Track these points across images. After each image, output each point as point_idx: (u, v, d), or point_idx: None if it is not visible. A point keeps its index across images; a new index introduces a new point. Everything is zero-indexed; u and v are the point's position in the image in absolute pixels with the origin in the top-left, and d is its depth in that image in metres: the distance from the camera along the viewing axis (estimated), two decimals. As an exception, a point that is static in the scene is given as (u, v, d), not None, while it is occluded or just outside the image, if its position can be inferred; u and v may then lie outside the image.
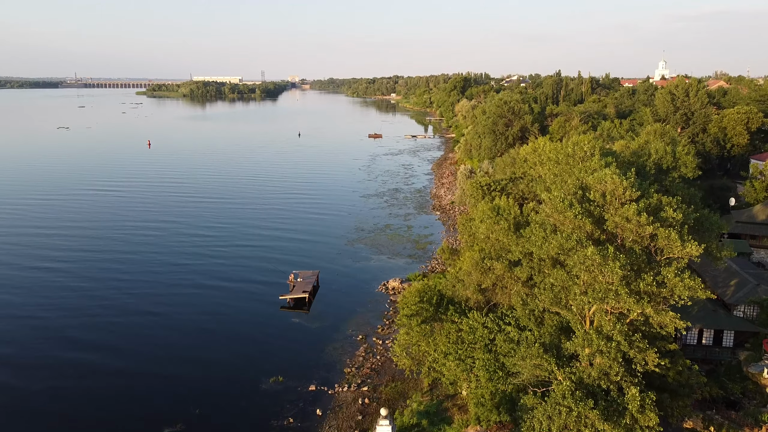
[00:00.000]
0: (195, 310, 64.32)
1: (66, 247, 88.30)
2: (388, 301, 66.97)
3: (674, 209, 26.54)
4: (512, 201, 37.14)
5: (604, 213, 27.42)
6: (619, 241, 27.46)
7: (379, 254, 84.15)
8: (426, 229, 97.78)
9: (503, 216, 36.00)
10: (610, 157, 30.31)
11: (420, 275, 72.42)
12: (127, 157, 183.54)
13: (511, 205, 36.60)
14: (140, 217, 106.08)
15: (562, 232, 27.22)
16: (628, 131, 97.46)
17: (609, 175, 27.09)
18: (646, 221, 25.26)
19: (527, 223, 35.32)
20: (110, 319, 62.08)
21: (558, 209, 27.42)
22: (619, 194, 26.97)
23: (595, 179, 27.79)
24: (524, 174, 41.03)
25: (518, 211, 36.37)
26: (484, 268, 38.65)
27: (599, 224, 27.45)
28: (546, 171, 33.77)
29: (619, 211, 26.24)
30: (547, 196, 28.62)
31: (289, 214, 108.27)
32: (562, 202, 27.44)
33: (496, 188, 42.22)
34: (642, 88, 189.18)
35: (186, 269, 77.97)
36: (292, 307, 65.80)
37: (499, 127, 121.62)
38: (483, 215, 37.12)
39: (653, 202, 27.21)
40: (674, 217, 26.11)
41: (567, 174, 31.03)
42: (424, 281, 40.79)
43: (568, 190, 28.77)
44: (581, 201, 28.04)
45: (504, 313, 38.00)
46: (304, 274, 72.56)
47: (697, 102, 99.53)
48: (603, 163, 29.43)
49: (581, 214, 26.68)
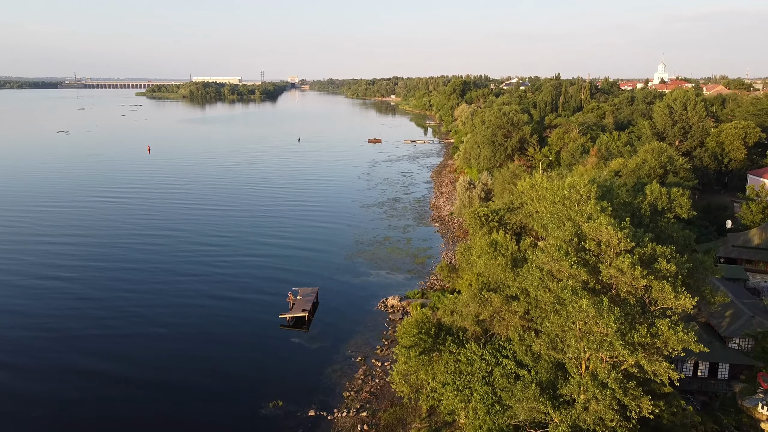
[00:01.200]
0: (194, 331, 64.62)
1: (65, 256, 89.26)
2: (386, 320, 67.35)
3: (668, 259, 27.00)
4: (509, 236, 37.50)
5: (599, 262, 27.86)
6: (614, 291, 27.90)
7: (378, 269, 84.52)
8: (425, 242, 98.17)
9: (501, 251, 36.44)
10: (606, 201, 30.64)
11: (419, 293, 72.83)
12: (126, 163, 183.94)
13: (508, 241, 36.99)
14: (138, 227, 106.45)
15: (558, 280, 27.67)
16: (626, 145, 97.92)
17: (604, 225, 27.51)
18: (640, 274, 25.72)
19: (524, 258, 35.73)
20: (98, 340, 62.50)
21: (554, 258, 27.86)
22: (614, 244, 27.41)
23: (590, 228, 28.21)
24: (522, 204, 41.46)
25: (515, 247, 36.79)
26: (481, 299, 39.06)
27: (595, 273, 27.91)
28: (543, 208, 34.16)
29: (614, 263, 26.72)
30: (543, 245, 29.04)
31: (289, 225, 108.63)
32: (558, 250, 27.88)
33: (494, 218, 42.60)
34: (641, 95, 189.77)
35: (185, 286, 78.28)
36: (292, 326, 66.21)
37: (498, 138, 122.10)
38: (481, 250, 37.54)
39: (647, 251, 27.66)
40: (668, 269, 26.57)
41: (563, 214, 31.44)
42: (422, 311, 41.14)
43: (564, 237, 29.20)
44: (577, 249, 28.49)
45: (501, 345, 38.41)
46: (303, 291, 72.97)
47: (695, 115, 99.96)
48: (599, 208, 29.84)
49: (577, 264, 27.12)
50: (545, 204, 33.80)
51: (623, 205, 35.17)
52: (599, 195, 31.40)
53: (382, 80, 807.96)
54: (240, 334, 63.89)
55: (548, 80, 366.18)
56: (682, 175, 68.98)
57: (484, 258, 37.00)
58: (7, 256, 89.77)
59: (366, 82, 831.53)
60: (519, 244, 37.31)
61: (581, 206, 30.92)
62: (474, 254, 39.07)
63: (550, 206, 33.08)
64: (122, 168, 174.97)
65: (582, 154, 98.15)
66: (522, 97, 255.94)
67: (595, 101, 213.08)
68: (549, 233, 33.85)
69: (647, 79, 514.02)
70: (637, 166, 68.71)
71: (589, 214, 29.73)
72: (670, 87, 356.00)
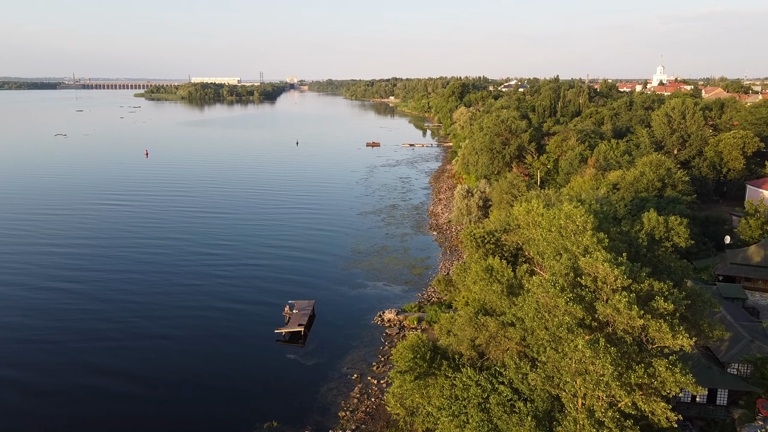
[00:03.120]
0: (187, 347, 64.01)
1: (61, 265, 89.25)
2: (383, 334, 66.88)
3: (665, 297, 26.54)
4: (505, 263, 37.04)
5: (595, 299, 27.40)
6: (611, 329, 27.46)
7: (376, 280, 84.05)
8: (423, 252, 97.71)
9: (496, 278, 35.98)
10: (602, 233, 30.16)
11: (415, 306, 72.36)
12: (124, 168, 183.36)
13: (504, 267, 36.51)
14: (131, 235, 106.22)
15: (554, 316, 27.24)
16: (624, 154, 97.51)
17: (600, 261, 27.04)
18: (637, 314, 25.28)
19: (520, 285, 35.27)
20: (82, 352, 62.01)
21: (550, 293, 27.40)
22: (610, 281, 26.94)
23: (586, 263, 27.76)
24: (518, 226, 41.00)
25: (511, 273, 36.32)
26: (477, 324, 38.60)
27: (591, 311, 27.46)
28: (538, 235, 33.71)
29: (611, 301, 26.24)
30: (539, 279, 28.57)
31: (286, 234, 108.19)
32: (554, 286, 27.42)
33: (490, 240, 42.17)
34: (639, 99, 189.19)
35: (177, 298, 77.94)
36: (288, 341, 65.75)
37: (496, 146, 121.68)
38: (476, 276, 37.09)
39: (644, 288, 27.21)
40: (665, 308, 26.12)
41: (559, 244, 30.92)
42: (417, 334, 40.64)
43: (560, 271, 28.76)
44: (573, 284, 28.03)
45: (498, 371, 37.96)
46: (299, 305, 72.52)
47: (694, 124, 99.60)
48: (595, 240, 29.35)
49: (573, 301, 26.66)
50: (541, 231, 33.33)
51: (620, 234, 34.65)
52: (596, 225, 30.93)
53: (381, 81, 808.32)
54: (235, 349, 63.40)
55: (547, 82, 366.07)
56: (680, 188, 68.57)
57: (480, 284, 36.53)
58: (7, 266, 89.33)
59: (365, 83, 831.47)
60: (515, 270, 36.77)
61: (578, 237, 30.47)
62: (469, 279, 38.63)
63: (545, 233, 32.60)
64: (119, 173, 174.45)
65: (580, 163, 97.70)
66: (520, 99, 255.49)
67: (593, 105, 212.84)
68: (544, 262, 33.42)
69: (646, 81, 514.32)
70: (635, 179, 68.28)
71: (585, 246, 29.29)
72: (669, 89, 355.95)
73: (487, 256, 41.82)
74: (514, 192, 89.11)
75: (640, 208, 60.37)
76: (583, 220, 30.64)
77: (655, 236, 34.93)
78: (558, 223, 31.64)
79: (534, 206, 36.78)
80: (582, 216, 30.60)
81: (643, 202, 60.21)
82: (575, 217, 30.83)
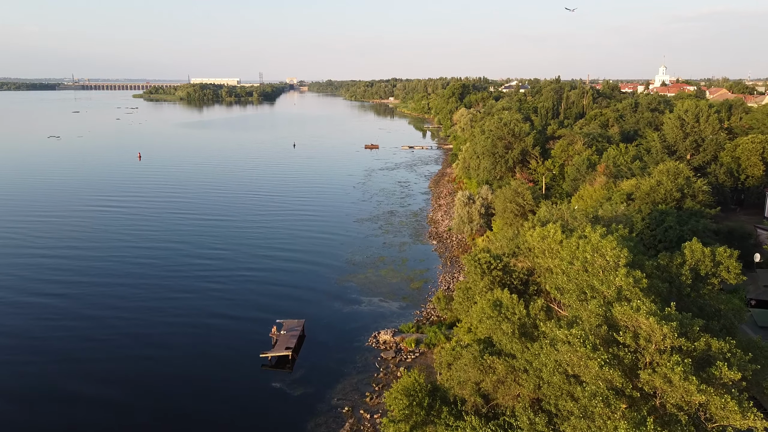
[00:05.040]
0: (171, 370, 58.86)
1: (43, 276, 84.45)
2: (378, 358, 61.46)
3: (728, 360, 21.17)
4: (516, 298, 31.72)
5: (637, 360, 22.10)
6: (657, 402, 22.15)
7: (371, 295, 78.71)
8: (422, 263, 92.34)
9: (506, 315, 30.71)
10: (639, 271, 24.88)
11: (413, 326, 66.96)
12: (115, 172, 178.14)
13: (515, 303, 31.19)
14: (122, 241, 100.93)
15: (585, 385, 21.93)
16: (635, 159, 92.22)
17: (643, 314, 21.69)
18: (696, 388, 19.98)
19: (534, 324, 30.01)
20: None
21: (579, 353, 22.08)
22: (656, 340, 21.60)
23: (625, 315, 22.48)
24: (530, 249, 35.77)
25: (524, 311, 31.00)
26: (483, 365, 33.26)
27: (631, 375, 22.17)
28: (557, 268, 28.47)
29: (660, 368, 20.90)
30: (563, 334, 23.15)
31: (279, 243, 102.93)
32: (584, 343, 22.07)
33: (497, 266, 36.92)
34: (645, 101, 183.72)
35: (166, 311, 73.17)
36: (274, 365, 60.40)
37: (499, 150, 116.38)
38: (482, 314, 31.80)
39: (700, 347, 21.88)
40: (730, 377, 20.75)
41: (583, 281, 25.66)
42: (413, 374, 35.33)
43: (589, 321, 23.45)
44: (606, 340, 22.75)
45: (507, 422, 32.59)
46: (288, 324, 67.17)
47: (708, 128, 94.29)
48: (631, 281, 24.02)
49: (608, 365, 21.38)
50: (560, 263, 28.20)
51: (657, 268, 29.19)
52: (630, 260, 25.65)
53: (380, 82, 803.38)
54: (215, 374, 58.12)
55: (548, 83, 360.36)
56: (700, 199, 63.21)
57: (487, 323, 31.28)
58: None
59: (364, 83, 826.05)
60: (528, 305, 31.37)
61: (608, 275, 25.23)
62: (474, 316, 33.37)
63: (566, 266, 27.45)
64: (110, 177, 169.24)
65: (588, 169, 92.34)
66: (522, 101, 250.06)
67: (597, 107, 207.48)
68: (563, 298, 28.13)
69: (648, 81, 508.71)
70: (652, 189, 62.91)
71: (618, 286, 24.07)
72: (672, 90, 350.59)
73: (494, 285, 36.53)
74: (518, 201, 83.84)
75: (659, 222, 55.04)
76: (614, 255, 25.38)
77: (700, 271, 29.53)
78: (583, 255, 26.38)
79: (551, 232, 31.53)
80: (613, 250, 25.32)
81: (663, 215, 54.90)
82: (605, 251, 25.52)
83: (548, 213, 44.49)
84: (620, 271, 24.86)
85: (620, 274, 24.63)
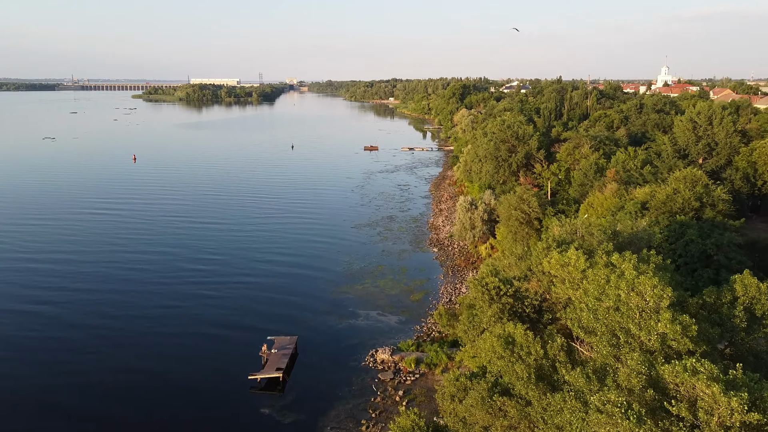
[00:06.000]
0: (156, 390, 54.98)
1: (31, 284, 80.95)
2: (375, 380, 57.27)
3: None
4: (532, 336, 27.58)
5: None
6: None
7: (369, 309, 74.53)
8: (422, 273, 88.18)
9: (520, 355, 26.62)
10: (687, 316, 20.81)
11: (413, 344, 62.76)
12: (109, 174, 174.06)
13: (531, 341, 27.03)
14: (114, 247, 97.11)
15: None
16: (646, 164, 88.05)
17: (703, 382, 17.48)
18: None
19: (553, 366, 25.94)
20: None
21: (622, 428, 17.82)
22: (722, 414, 17.44)
23: (678, 378, 18.31)
24: (544, 274, 31.69)
25: (541, 351, 26.86)
26: (492, 408, 29.10)
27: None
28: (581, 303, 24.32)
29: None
30: (599, 400, 18.91)
31: (273, 251, 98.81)
32: (626, 415, 17.87)
33: (507, 292, 32.80)
34: (650, 102, 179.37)
35: (156, 321, 69.89)
36: (264, 388, 56.26)
37: (502, 153, 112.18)
38: (491, 353, 27.68)
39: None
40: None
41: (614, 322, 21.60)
42: (412, 417, 31.21)
43: (628, 381, 19.31)
44: (653, 408, 18.65)
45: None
46: (280, 341, 63.01)
47: (722, 130, 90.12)
48: (678, 329, 19.91)
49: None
50: (586, 299, 24.13)
51: (702, 306, 25.01)
52: (674, 300, 21.44)
53: (380, 82, 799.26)
54: (200, 396, 54.12)
55: (549, 83, 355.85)
56: (720, 208, 59.03)
57: (498, 364, 27.18)
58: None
59: (364, 84, 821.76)
60: (545, 344, 27.11)
61: (647, 320, 21.12)
62: (483, 356, 29.22)
63: (593, 302, 23.38)
64: (103, 179, 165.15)
65: (596, 174, 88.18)
66: (523, 101, 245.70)
67: (600, 108, 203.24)
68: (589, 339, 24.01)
69: (650, 82, 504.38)
70: (668, 198, 58.71)
71: (661, 334, 20.00)
72: (674, 90, 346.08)
73: (503, 313, 32.40)
74: (523, 208, 79.67)
75: (679, 236, 50.86)
76: (656, 296, 21.23)
77: (756, 312, 25.31)
78: (614, 293, 22.28)
79: (572, 259, 27.41)
80: (656, 287, 21.17)
81: (683, 227, 50.75)
82: (643, 289, 21.37)
83: (562, 230, 40.31)
84: (663, 315, 20.76)
85: (664, 318, 20.52)
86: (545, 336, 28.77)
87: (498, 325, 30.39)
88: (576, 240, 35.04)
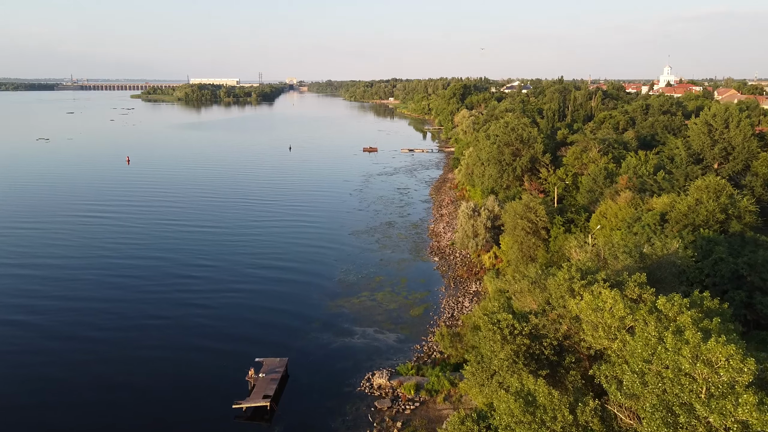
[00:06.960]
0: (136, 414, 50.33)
1: (17, 292, 78.06)
2: (372, 409, 52.50)
3: None
4: (557, 395, 22.89)
5: None
6: None
7: (365, 325, 69.74)
8: (422, 285, 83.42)
9: (543, 420, 21.89)
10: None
11: (413, 367, 57.98)
12: (101, 176, 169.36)
13: (556, 402, 22.24)
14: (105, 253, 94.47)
15: None
16: (658, 169, 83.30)
17: None
18: None
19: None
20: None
21: None
22: None
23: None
24: (568, 311, 26.98)
25: (569, 416, 22.08)
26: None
27: None
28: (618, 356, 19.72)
29: None
30: None
31: (267, 257, 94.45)
32: None
33: (522, 331, 28.04)
34: (656, 102, 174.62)
35: (145, 333, 66.88)
36: (249, 417, 51.53)
37: (506, 157, 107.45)
38: (508, 416, 22.91)
39: None
40: None
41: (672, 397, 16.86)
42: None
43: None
44: None
45: None
46: (269, 364, 58.22)
47: (739, 134, 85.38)
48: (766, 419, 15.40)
49: None
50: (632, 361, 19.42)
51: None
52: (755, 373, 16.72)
53: (380, 82, 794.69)
54: (179, 428, 49.41)
55: (550, 83, 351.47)
56: (747, 221, 54.30)
57: (517, 429, 22.43)
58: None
59: (364, 84, 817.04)
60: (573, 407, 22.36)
61: (721, 399, 16.49)
62: (496, 418, 24.46)
63: (640, 364, 18.75)
64: (96, 182, 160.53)
65: (605, 180, 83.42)
66: (525, 102, 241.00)
67: (604, 108, 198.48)
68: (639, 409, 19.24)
69: (652, 81, 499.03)
70: (690, 209, 53.97)
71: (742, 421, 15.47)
72: (677, 90, 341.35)
73: (518, 357, 27.62)
74: (530, 216, 74.94)
75: (707, 253, 46.07)
76: (732, 369, 16.47)
77: None
78: (672, 359, 17.59)
79: (608, 303, 22.58)
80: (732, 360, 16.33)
81: (710, 244, 46.03)
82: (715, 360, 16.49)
83: (581, 252, 35.51)
84: (746, 397, 16.11)
85: (747, 402, 15.90)
86: (570, 392, 24.04)
87: (514, 377, 25.65)
88: (600, 268, 30.28)
